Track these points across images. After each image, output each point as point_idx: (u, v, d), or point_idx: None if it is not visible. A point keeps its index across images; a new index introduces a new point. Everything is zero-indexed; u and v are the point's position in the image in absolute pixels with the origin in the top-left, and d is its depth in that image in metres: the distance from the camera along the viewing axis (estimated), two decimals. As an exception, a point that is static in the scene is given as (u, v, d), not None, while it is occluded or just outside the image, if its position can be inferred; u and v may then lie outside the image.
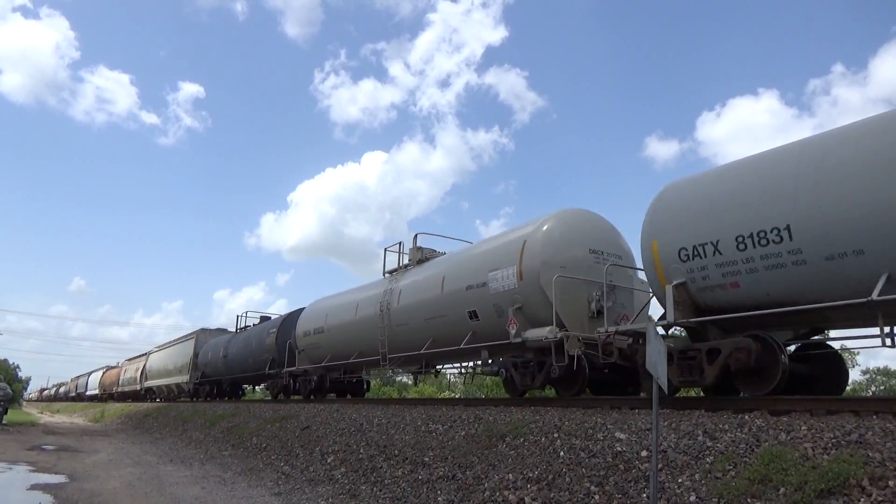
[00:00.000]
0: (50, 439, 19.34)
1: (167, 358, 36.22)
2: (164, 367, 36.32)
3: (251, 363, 22.60)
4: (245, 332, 25.29)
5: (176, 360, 33.86)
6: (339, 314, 16.89)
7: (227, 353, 25.04)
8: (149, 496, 8.87)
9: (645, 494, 5.46)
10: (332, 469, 9.65)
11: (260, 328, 23.61)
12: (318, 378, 18.37)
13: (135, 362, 46.37)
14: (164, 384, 35.92)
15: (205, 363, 28.35)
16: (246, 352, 23.28)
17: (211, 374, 27.81)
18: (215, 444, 15.36)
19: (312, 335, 18.08)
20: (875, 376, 54.46)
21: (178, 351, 33.85)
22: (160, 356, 38.53)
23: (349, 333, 16.06)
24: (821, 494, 4.47)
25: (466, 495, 6.91)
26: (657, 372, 5.14)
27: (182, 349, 33.11)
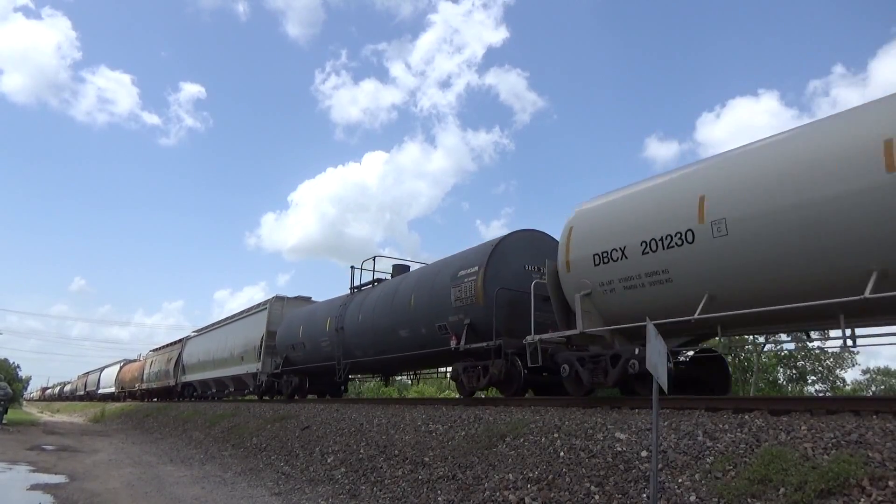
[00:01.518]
0: (50, 439, 19.35)
1: (219, 342, 27.10)
2: (215, 355, 27.26)
3: (410, 335, 13.59)
4: (384, 286, 15.84)
5: (233, 344, 24.91)
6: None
7: (342, 325, 16.40)
8: (149, 496, 8.87)
9: (645, 494, 5.46)
10: (332, 469, 9.65)
11: (432, 270, 14.00)
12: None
13: (164, 352, 38.20)
14: (214, 378, 27.28)
15: (289, 344, 19.45)
16: (396, 315, 14.09)
17: (302, 359, 18.84)
18: (215, 444, 15.36)
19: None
20: (875, 376, 54.49)
21: (238, 331, 24.88)
22: (205, 341, 29.76)
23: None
24: (821, 494, 4.47)
25: (466, 495, 6.91)
26: (657, 372, 5.13)
27: (244, 328, 24.27)
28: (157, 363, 38.50)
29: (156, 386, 37.74)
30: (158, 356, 39.24)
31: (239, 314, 26.46)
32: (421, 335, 13.18)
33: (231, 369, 24.88)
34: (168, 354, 36.49)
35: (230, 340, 25.60)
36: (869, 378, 53.89)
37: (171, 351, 36.18)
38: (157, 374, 37.78)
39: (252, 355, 22.66)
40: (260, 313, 22.99)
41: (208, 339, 29.54)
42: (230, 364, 25.05)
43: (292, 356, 19.57)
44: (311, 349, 18.05)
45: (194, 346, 31.87)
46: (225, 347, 26.08)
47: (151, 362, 40.33)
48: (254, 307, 24.41)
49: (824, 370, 33.34)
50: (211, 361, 27.84)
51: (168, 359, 35.84)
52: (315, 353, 17.87)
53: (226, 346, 25.96)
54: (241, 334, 24.52)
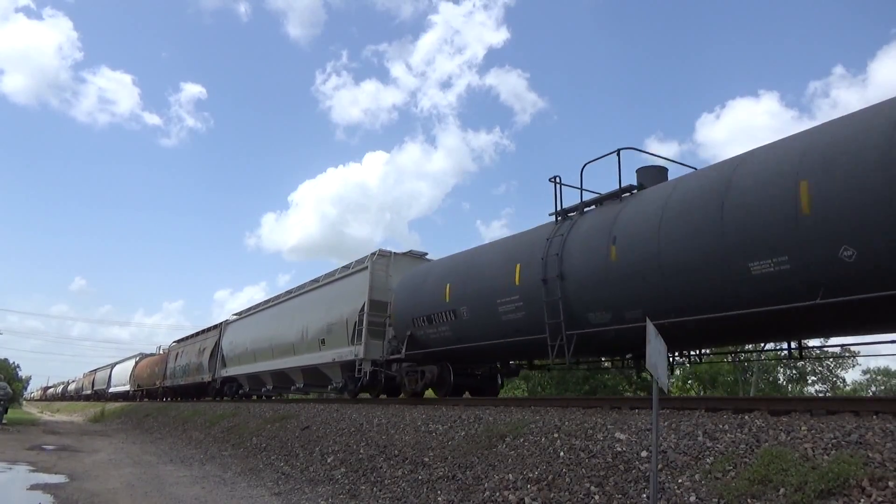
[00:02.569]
0: (50, 439, 19.34)
1: (280, 323, 20.52)
2: (274, 341, 20.62)
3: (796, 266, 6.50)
4: (679, 187, 8.21)
5: (307, 324, 18.25)
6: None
7: (558, 271, 9.44)
8: (149, 496, 8.87)
9: (645, 495, 5.46)
10: (332, 469, 9.64)
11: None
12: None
13: (195, 342, 31.54)
14: (272, 370, 20.69)
15: (419, 316, 12.85)
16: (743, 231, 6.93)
17: (450, 336, 12.15)
18: (215, 443, 15.36)
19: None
20: (875, 376, 54.49)
21: (316, 305, 18.05)
22: (256, 325, 23.25)
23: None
24: (821, 495, 4.46)
25: (466, 495, 6.91)
26: (657, 372, 5.13)
27: (326, 300, 17.47)
28: (186, 355, 31.92)
29: (184, 382, 31.39)
30: (187, 347, 32.46)
31: (313, 283, 19.61)
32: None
33: (302, 358, 18.28)
34: (200, 344, 29.83)
35: (301, 319, 18.82)
36: (869, 378, 53.92)
37: (205, 340, 29.43)
38: (185, 368, 31.57)
39: (340, 336, 15.90)
40: (355, 276, 16.18)
41: (261, 322, 22.92)
42: (301, 350, 18.41)
43: (423, 334, 12.71)
44: (474, 319, 11.21)
45: (238, 331, 25.38)
46: (291, 329, 19.46)
47: (177, 355, 33.77)
48: (341, 270, 17.64)
49: (824, 370, 33.35)
50: (266, 349, 21.40)
51: (200, 349, 29.33)
52: (483, 326, 11.00)
53: (292, 328, 19.37)
54: (319, 309, 17.66)
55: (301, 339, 18.72)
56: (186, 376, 31.28)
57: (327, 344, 16.83)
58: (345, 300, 16.35)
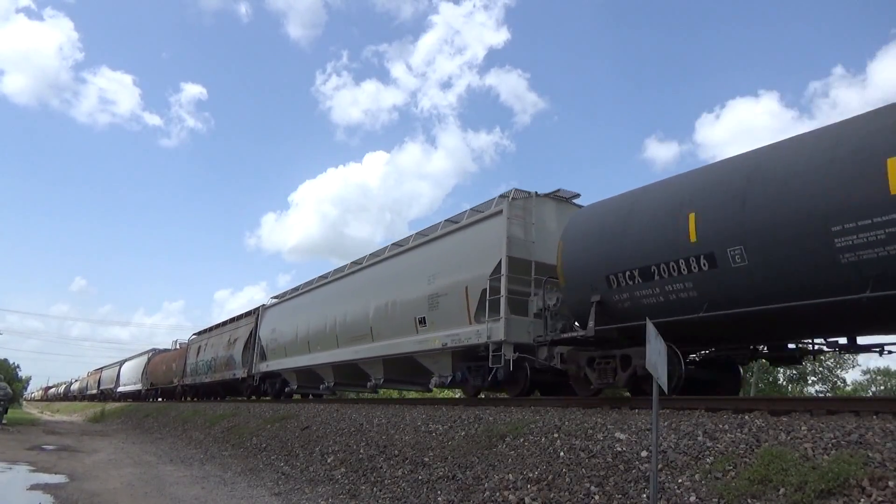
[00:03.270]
0: (50, 439, 19.34)
1: (356, 298, 15.74)
2: (345, 324, 16.00)
3: None
4: None
5: (396, 297, 13.92)
6: None
7: None
8: (149, 496, 8.87)
9: (645, 495, 5.46)
10: (332, 469, 9.64)
11: None
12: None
13: (221, 332, 27.00)
14: (345, 361, 16.00)
15: (629, 278, 8.32)
16: None
17: (716, 296, 7.41)
18: (215, 443, 15.36)
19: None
20: (875, 376, 54.46)
21: (413, 269, 13.63)
22: (315, 303, 18.50)
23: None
24: (821, 495, 4.46)
25: (466, 495, 6.91)
26: (657, 372, 5.13)
27: (429, 261, 13.14)
28: (211, 348, 27.28)
29: (210, 380, 26.86)
30: (212, 339, 27.77)
31: (399, 246, 14.91)
32: None
33: (386, 345, 14.00)
34: (230, 335, 25.27)
35: (383, 293, 14.42)
36: (869, 378, 53.87)
37: (235, 329, 24.94)
38: (210, 363, 26.91)
39: (454, 312, 11.74)
40: (478, 228, 11.78)
41: (317, 303, 18.27)
42: (385, 335, 14.07)
43: (626, 299, 8.50)
44: (764, 265, 6.98)
45: (283, 316, 20.82)
46: (366, 308, 14.96)
47: (200, 348, 29.10)
48: (446, 224, 13.19)
49: (825, 371, 33.35)
50: (326, 336, 16.87)
51: (230, 341, 24.88)
52: (788, 275, 6.80)
53: (369, 306, 14.88)
54: (415, 277, 13.16)
55: (384, 319, 14.11)
56: (213, 373, 26.53)
57: (431, 324, 12.40)
58: (461, 262, 11.87)
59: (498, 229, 11.09)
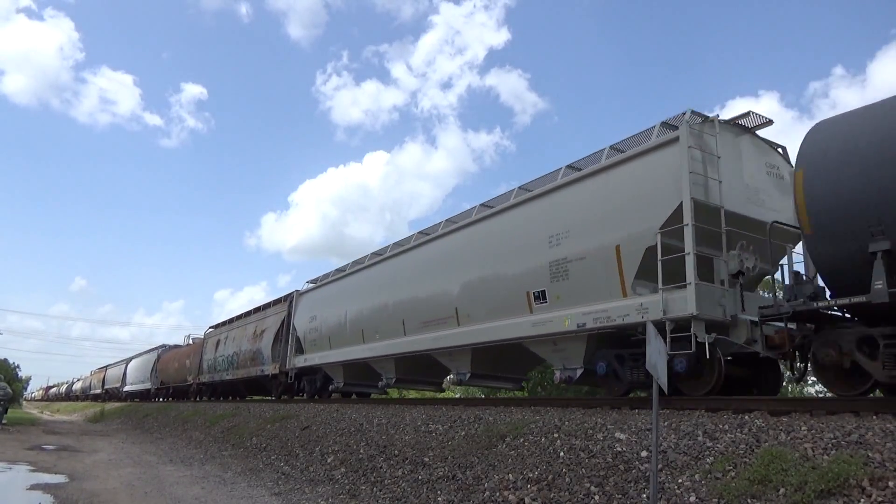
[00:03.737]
0: (50, 439, 19.34)
1: (430, 272, 12.96)
2: (416, 305, 13.13)
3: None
4: None
5: (494, 268, 11.01)
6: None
7: None
8: (149, 496, 8.87)
9: (645, 495, 5.46)
10: (332, 469, 9.64)
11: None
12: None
13: (244, 323, 23.86)
14: (415, 352, 13.24)
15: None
16: None
17: None
18: (215, 443, 15.36)
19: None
20: (875, 376, 54.29)
21: (523, 228, 10.53)
22: (370, 283, 15.38)
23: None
24: (821, 495, 4.46)
25: (466, 495, 6.91)
26: (657, 372, 5.13)
27: (547, 216, 10.05)
28: (233, 342, 24.20)
29: (232, 377, 23.84)
30: (233, 332, 24.77)
31: (500, 202, 11.64)
32: None
33: (479, 330, 11.20)
34: (255, 326, 22.24)
35: (474, 264, 11.54)
36: (869, 378, 53.76)
37: (263, 320, 21.96)
38: (231, 359, 23.98)
39: (592, 281, 9.17)
40: (632, 166, 8.98)
41: (373, 282, 15.12)
42: (477, 317, 11.30)
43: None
44: None
45: (326, 301, 17.57)
46: (448, 283, 12.17)
47: (218, 342, 26.10)
48: (564, 171, 10.31)
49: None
50: (389, 321, 13.90)
51: (256, 333, 21.93)
52: None
53: (451, 280, 12.08)
54: (526, 240, 10.37)
55: (477, 297, 11.26)
56: (236, 369, 23.46)
57: (554, 299, 9.60)
58: (607, 214, 9.01)
59: (672, 164, 8.24)
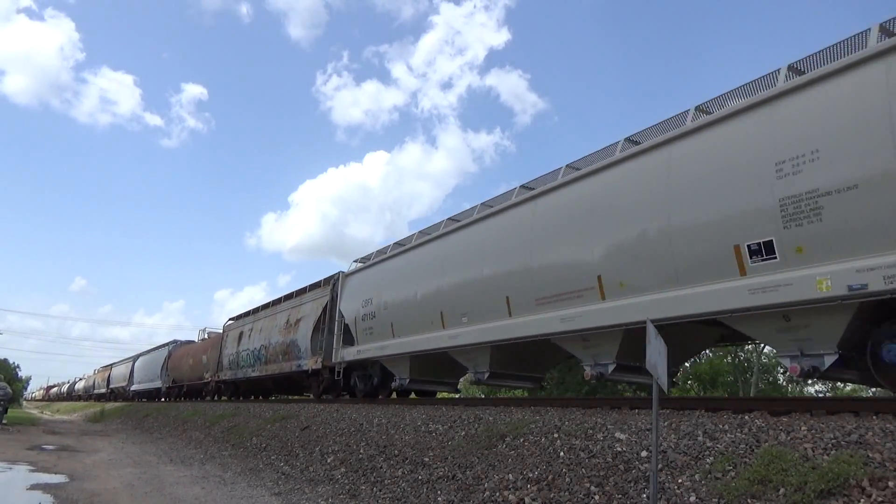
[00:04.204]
0: (50, 439, 19.35)
1: (567, 231, 9.34)
2: (531, 276, 9.71)
3: None
4: None
5: (682, 215, 7.61)
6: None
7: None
8: (149, 496, 8.87)
9: (645, 495, 5.46)
10: (332, 469, 9.65)
11: None
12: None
13: (274, 312, 21.10)
14: (526, 337, 9.83)
15: None
16: None
17: None
18: (215, 443, 15.37)
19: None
20: (875, 376, 54.34)
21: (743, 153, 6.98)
22: (453, 249, 11.98)
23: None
24: (821, 495, 4.47)
25: (466, 495, 6.91)
26: (657, 372, 5.13)
27: (806, 122, 6.48)
28: (259, 334, 21.38)
29: (259, 374, 20.98)
30: (260, 322, 21.96)
31: (648, 137, 8.72)
32: None
33: (662, 298, 7.84)
34: (288, 315, 19.25)
35: (644, 211, 8.21)
36: (869, 378, 53.79)
37: (298, 306, 18.88)
38: (259, 353, 21.04)
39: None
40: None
41: (461, 251, 11.86)
42: (651, 284, 8.02)
43: None
44: None
45: (384, 280, 14.48)
46: (579, 248, 9.16)
47: (242, 335, 23.21)
48: (796, 71, 7.09)
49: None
50: (483, 299, 10.90)
51: (290, 322, 18.90)
52: None
53: (603, 237, 8.80)
54: (741, 167, 7.09)
55: (632, 260, 8.35)
56: (264, 364, 20.50)
57: (790, 251, 6.65)
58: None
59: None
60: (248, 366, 22.34)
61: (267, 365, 20.57)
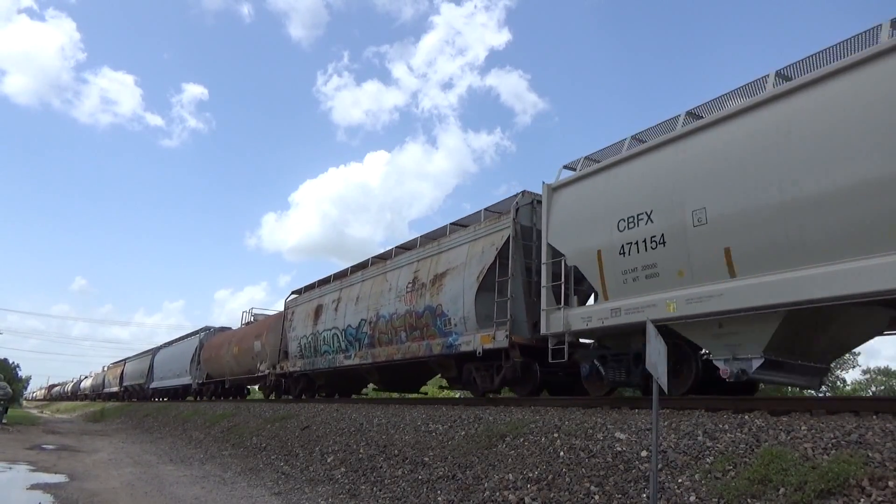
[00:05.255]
0: (50, 439, 19.35)
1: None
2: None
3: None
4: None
5: None
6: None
7: None
8: (149, 496, 8.87)
9: (645, 494, 5.46)
10: (332, 469, 9.65)
11: None
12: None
13: (382, 272, 14.92)
14: None
15: None
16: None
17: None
18: (215, 443, 15.37)
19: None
20: (875, 376, 54.43)
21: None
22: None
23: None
24: (821, 495, 4.47)
25: (466, 495, 6.91)
26: (657, 372, 5.13)
27: None
28: (358, 304, 15.40)
29: (357, 362, 15.11)
30: (357, 286, 15.88)
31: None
32: None
33: None
34: (411, 270, 13.62)
35: None
36: (869, 378, 53.83)
37: (436, 256, 12.92)
38: (361, 330, 15.06)
39: None
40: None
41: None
42: None
43: None
44: None
45: (668, 176, 8.23)
46: None
47: (321, 309, 17.50)
48: None
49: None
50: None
51: (419, 282, 13.15)
52: None
53: None
54: None
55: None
56: (369, 347, 14.56)
57: None
58: None
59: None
60: (336, 351, 15.98)
61: (375, 348, 14.20)
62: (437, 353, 12.37)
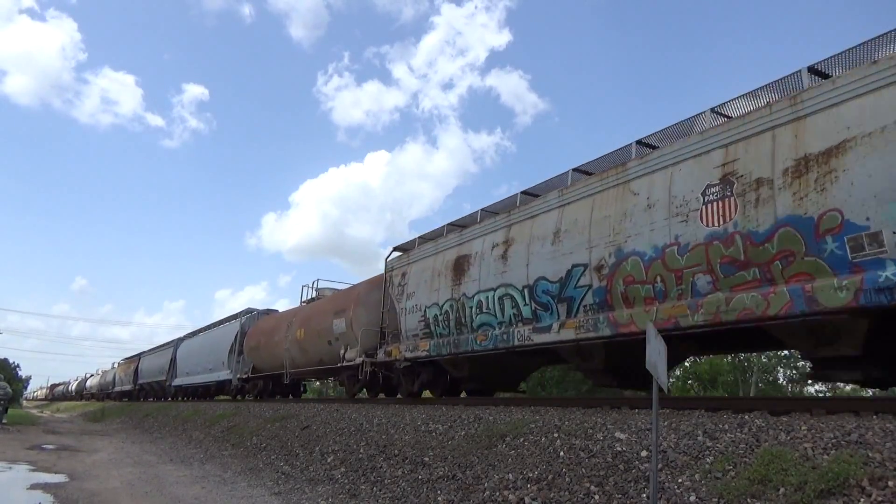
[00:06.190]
0: (50, 438, 19.34)
1: None
2: None
3: None
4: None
5: None
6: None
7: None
8: (149, 495, 8.87)
9: (645, 494, 5.46)
10: (332, 469, 9.64)
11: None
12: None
13: (627, 177, 8.27)
14: None
15: None
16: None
17: None
18: (215, 443, 15.36)
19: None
20: (875, 376, 54.30)
21: None
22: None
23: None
24: (821, 494, 4.46)
25: (466, 495, 6.91)
26: (657, 372, 5.13)
27: None
28: (533, 245, 9.91)
29: (555, 339, 9.23)
30: (526, 223, 10.36)
31: None
32: None
33: None
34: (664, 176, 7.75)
35: None
36: (869, 379, 53.74)
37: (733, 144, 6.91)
38: (560, 287, 9.19)
39: None
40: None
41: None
42: None
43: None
44: None
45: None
46: None
47: (466, 263, 11.61)
48: None
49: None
50: None
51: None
52: None
53: None
54: None
55: None
56: (599, 310, 8.66)
57: None
58: None
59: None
60: (509, 322, 10.48)
61: (616, 310, 8.47)
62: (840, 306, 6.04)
